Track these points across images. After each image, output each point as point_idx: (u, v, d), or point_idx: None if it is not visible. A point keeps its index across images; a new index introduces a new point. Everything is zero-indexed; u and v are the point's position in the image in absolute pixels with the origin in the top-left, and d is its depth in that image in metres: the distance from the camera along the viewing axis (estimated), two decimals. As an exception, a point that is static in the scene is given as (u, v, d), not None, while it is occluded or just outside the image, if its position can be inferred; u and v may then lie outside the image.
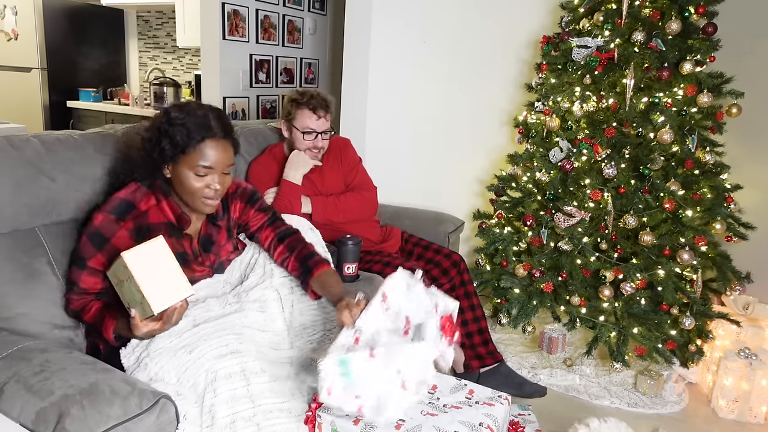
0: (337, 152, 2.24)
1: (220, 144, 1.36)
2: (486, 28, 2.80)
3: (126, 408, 1.06)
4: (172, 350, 1.26)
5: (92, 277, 1.37)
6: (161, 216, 1.42)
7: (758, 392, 1.99)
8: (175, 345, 1.27)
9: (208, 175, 1.36)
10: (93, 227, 1.35)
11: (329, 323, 1.57)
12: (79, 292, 1.38)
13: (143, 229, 1.38)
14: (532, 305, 2.25)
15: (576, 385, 2.16)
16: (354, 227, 2.14)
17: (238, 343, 1.29)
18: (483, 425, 1.32)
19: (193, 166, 1.35)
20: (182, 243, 1.46)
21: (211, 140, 1.35)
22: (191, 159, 1.34)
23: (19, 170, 1.41)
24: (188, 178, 1.36)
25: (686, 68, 2.00)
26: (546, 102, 2.34)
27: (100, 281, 1.38)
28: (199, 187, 1.36)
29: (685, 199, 2.07)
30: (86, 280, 1.37)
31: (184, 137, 1.33)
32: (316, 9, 4.05)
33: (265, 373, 1.29)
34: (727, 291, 2.16)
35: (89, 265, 1.36)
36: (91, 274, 1.37)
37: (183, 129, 1.33)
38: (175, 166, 1.36)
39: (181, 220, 1.44)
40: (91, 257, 1.35)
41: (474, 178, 2.97)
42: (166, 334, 1.29)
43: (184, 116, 1.34)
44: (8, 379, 1.12)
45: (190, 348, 1.26)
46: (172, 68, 4.73)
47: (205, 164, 1.34)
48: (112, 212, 1.36)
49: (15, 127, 3.05)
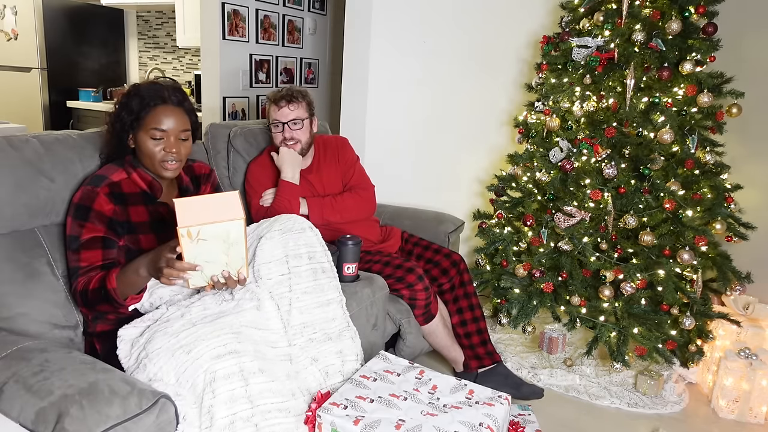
0: (334, 151, 2.24)
1: (173, 110, 1.47)
2: (486, 28, 2.80)
3: (125, 408, 1.06)
4: (170, 350, 1.26)
5: (89, 251, 1.39)
6: (134, 186, 1.50)
7: (758, 392, 1.99)
8: (173, 345, 1.26)
9: (164, 139, 1.46)
10: (74, 205, 1.44)
11: (330, 322, 1.57)
12: (83, 273, 1.39)
13: (116, 195, 1.46)
14: (532, 305, 2.25)
15: (576, 385, 2.16)
16: (354, 227, 2.13)
17: (237, 342, 1.29)
18: (483, 425, 1.32)
19: (148, 130, 1.45)
20: (159, 210, 1.53)
21: (164, 106, 1.46)
22: (147, 124, 1.45)
23: (18, 170, 1.42)
24: (146, 143, 1.46)
25: (686, 68, 2.00)
26: (546, 102, 2.33)
27: (100, 253, 1.40)
28: (156, 150, 1.46)
29: (685, 199, 2.07)
30: (85, 257, 1.39)
31: (138, 105, 1.45)
32: (316, 9, 4.05)
33: (264, 373, 1.29)
34: (728, 291, 2.16)
35: (83, 240, 1.39)
36: (88, 248, 1.39)
37: (137, 98, 1.46)
38: (135, 134, 1.48)
39: (153, 187, 1.52)
40: (81, 232, 1.40)
41: (474, 178, 2.97)
42: (163, 335, 1.28)
43: (139, 88, 1.48)
44: (8, 379, 1.12)
45: (188, 348, 1.25)
46: (172, 68, 4.73)
47: (158, 127, 1.45)
48: (87, 184, 1.45)
49: (15, 127, 3.05)
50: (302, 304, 1.54)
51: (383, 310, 1.91)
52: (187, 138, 1.51)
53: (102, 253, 1.40)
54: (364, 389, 1.44)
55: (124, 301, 1.34)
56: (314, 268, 1.59)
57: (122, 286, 1.32)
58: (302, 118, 2.08)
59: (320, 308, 1.56)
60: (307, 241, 1.61)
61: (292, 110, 2.06)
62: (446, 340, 2.09)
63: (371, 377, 1.50)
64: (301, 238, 1.60)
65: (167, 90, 1.49)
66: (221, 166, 2.19)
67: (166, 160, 1.47)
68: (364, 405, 1.37)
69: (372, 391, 1.43)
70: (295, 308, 1.52)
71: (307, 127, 2.11)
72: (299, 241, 1.59)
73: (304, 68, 4.06)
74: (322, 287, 1.59)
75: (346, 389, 1.43)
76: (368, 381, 1.48)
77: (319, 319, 1.55)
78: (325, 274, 1.61)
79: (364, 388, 1.44)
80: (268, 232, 1.58)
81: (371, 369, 1.54)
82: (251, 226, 1.66)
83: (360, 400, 1.39)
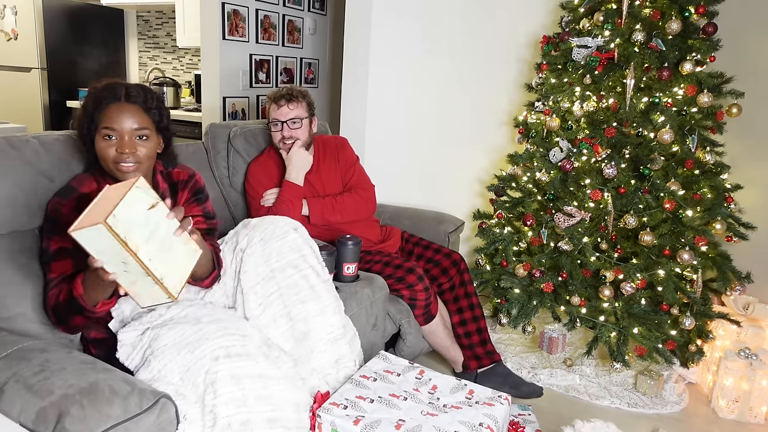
0: (334, 151, 2.24)
1: (128, 108, 1.36)
2: (486, 28, 2.80)
3: (126, 407, 1.06)
4: (175, 348, 1.25)
5: (59, 261, 1.34)
6: None
7: (758, 392, 1.99)
8: (178, 343, 1.26)
9: (116, 139, 1.35)
10: (45, 217, 1.39)
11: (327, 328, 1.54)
12: (55, 284, 1.33)
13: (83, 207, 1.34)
14: (532, 305, 2.25)
15: (576, 385, 2.16)
16: (354, 227, 2.13)
17: (241, 345, 1.28)
18: (483, 425, 1.32)
19: (100, 131, 1.36)
20: None
21: (116, 104, 1.36)
22: (99, 124, 1.36)
23: (18, 170, 1.42)
24: (99, 144, 1.36)
25: (686, 68, 2.00)
26: (546, 102, 2.33)
27: (70, 262, 1.33)
28: (109, 151, 1.35)
29: (686, 199, 2.07)
30: (56, 268, 1.34)
31: (92, 105, 1.37)
32: (316, 9, 4.05)
33: (264, 376, 1.27)
34: (728, 291, 2.16)
35: (51, 251, 1.34)
36: (58, 259, 1.34)
37: (91, 98, 1.38)
38: (94, 138, 1.38)
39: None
40: (49, 244, 1.35)
41: (474, 178, 2.97)
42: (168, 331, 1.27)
43: (95, 88, 1.39)
44: (8, 379, 1.12)
45: (193, 347, 1.25)
46: (172, 68, 4.73)
47: (109, 126, 1.34)
48: (56, 196, 1.40)
49: (15, 127, 3.06)
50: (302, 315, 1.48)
51: (383, 310, 1.91)
52: (148, 137, 1.38)
53: (72, 263, 1.33)
54: (364, 389, 1.44)
55: (93, 307, 1.24)
56: (305, 275, 1.52)
57: (89, 291, 1.22)
58: (302, 117, 2.08)
59: (321, 316, 1.52)
60: (291, 245, 1.52)
61: (292, 109, 2.06)
62: (446, 341, 2.09)
63: (371, 377, 1.50)
64: (284, 245, 1.52)
65: (123, 88, 1.38)
66: (221, 166, 2.19)
67: (119, 161, 1.35)
68: (364, 405, 1.37)
69: (372, 391, 1.43)
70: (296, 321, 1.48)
71: (307, 126, 2.11)
72: (283, 249, 1.51)
73: (304, 68, 4.06)
74: (319, 294, 1.52)
75: (346, 389, 1.43)
76: (368, 381, 1.48)
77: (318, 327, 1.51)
78: (319, 278, 1.54)
79: (364, 388, 1.44)
80: (249, 246, 1.50)
81: (371, 369, 1.54)
82: (230, 232, 1.59)
83: (360, 400, 1.39)
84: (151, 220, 1.11)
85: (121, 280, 1.10)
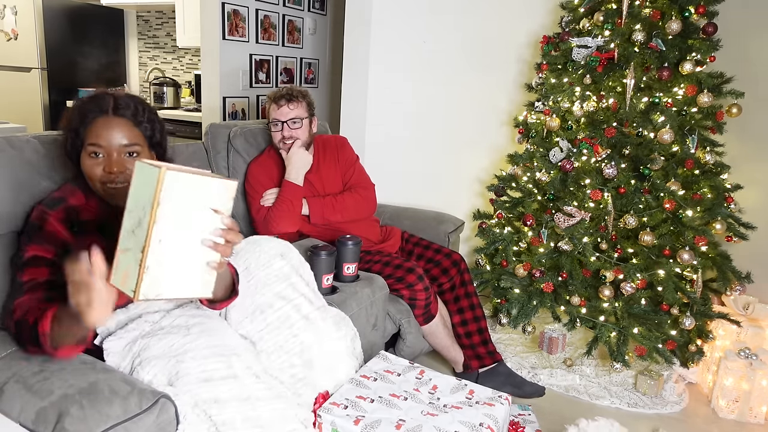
0: (334, 151, 2.24)
1: (116, 122, 1.26)
2: (486, 28, 2.80)
3: (126, 407, 1.06)
4: (164, 358, 1.20)
5: (33, 268, 1.23)
6: (91, 214, 1.32)
7: (758, 392, 1.99)
8: (167, 353, 1.20)
9: (103, 156, 1.25)
10: (28, 224, 1.30)
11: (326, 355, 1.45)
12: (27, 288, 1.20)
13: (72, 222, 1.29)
14: (532, 305, 2.25)
15: (576, 385, 2.16)
16: (354, 227, 2.13)
17: (226, 368, 1.19)
18: (483, 425, 1.32)
19: (86, 147, 1.26)
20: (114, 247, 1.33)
21: (104, 118, 1.26)
22: (85, 141, 1.26)
23: (18, 170, 1.42)
24: (85, 162, 1.26)
25: (686, 68, 2.00)
26: (546, 102, 2.34)
27: (46, 270, 1.22)
28: (96, 170, 1.25)
29: (685, 199, 2.07)
30: (29, 272, 1.22)
31: (78, 121, 1.26)
32: (316, 9, 4.05)
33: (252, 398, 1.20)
34: (727, 291, 2.16)
35: (26, 258, 1.24)
36: (32, 266, 1.23)
37: (76, 112, 1.27)
38: (81, 156, 1.28)
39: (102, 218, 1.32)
40: (26, 250, 1.25)
41: (474, 178, 2.97)
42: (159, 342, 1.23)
43: (81, 102, 1.29)
44: (8, 379, 1.12)
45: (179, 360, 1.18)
46: (172, 68, 4.73)
47: (93, 142, 1.24)
48: (43, 204, 1.31)
49: (15, 127, 3.06)
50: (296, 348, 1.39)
51: (383, 310, 1.91)
52: (139, 153, 1.27)
53: (48, 271, 1.22)
54: (365, 389, 1.44)
55: (54, 349, 1.11)
56: (296, 305, 1.41)
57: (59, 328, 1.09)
58: (302, 117, 2.08)
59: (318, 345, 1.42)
60: (278, 275, 1.42)
61: (292, 109, 2.06)
62: (446, 341, 2.09)
63: (371, 377, 1.50)
64: (270, 274, 1.41)
65: (112, 99, 1.27)
66: (221, 166, 2.19)
67: (106, 181, 1.24)
68: (364, 405, 1.37)
69: (372, 391, 1.43)
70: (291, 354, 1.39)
71: (306, 126, 2.11)
72: (269, 279, 1.41)
73: (304, 68, 4.06)
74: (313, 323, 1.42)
75: (347, 389, 1.43)
76: (368, 381, 1.48)
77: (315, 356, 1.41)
78: (312, 306, 1.44)
79: (365, 388, 1.44)
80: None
81: (371, 369, 1.54)
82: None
83: (360, 400, 1.39)
84: (199, 219, 0.98)
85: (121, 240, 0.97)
